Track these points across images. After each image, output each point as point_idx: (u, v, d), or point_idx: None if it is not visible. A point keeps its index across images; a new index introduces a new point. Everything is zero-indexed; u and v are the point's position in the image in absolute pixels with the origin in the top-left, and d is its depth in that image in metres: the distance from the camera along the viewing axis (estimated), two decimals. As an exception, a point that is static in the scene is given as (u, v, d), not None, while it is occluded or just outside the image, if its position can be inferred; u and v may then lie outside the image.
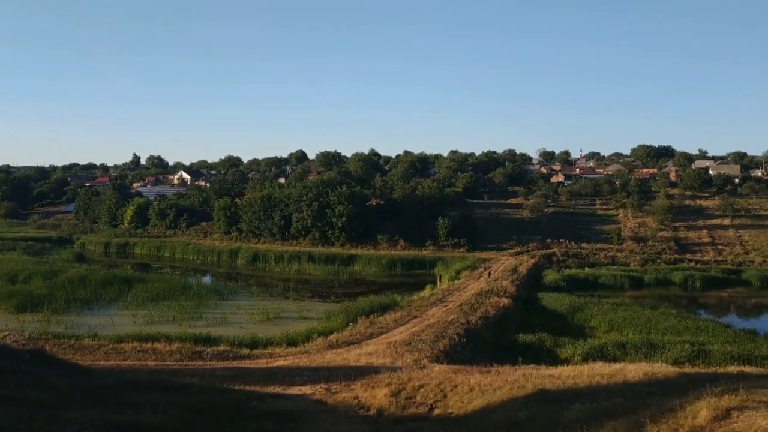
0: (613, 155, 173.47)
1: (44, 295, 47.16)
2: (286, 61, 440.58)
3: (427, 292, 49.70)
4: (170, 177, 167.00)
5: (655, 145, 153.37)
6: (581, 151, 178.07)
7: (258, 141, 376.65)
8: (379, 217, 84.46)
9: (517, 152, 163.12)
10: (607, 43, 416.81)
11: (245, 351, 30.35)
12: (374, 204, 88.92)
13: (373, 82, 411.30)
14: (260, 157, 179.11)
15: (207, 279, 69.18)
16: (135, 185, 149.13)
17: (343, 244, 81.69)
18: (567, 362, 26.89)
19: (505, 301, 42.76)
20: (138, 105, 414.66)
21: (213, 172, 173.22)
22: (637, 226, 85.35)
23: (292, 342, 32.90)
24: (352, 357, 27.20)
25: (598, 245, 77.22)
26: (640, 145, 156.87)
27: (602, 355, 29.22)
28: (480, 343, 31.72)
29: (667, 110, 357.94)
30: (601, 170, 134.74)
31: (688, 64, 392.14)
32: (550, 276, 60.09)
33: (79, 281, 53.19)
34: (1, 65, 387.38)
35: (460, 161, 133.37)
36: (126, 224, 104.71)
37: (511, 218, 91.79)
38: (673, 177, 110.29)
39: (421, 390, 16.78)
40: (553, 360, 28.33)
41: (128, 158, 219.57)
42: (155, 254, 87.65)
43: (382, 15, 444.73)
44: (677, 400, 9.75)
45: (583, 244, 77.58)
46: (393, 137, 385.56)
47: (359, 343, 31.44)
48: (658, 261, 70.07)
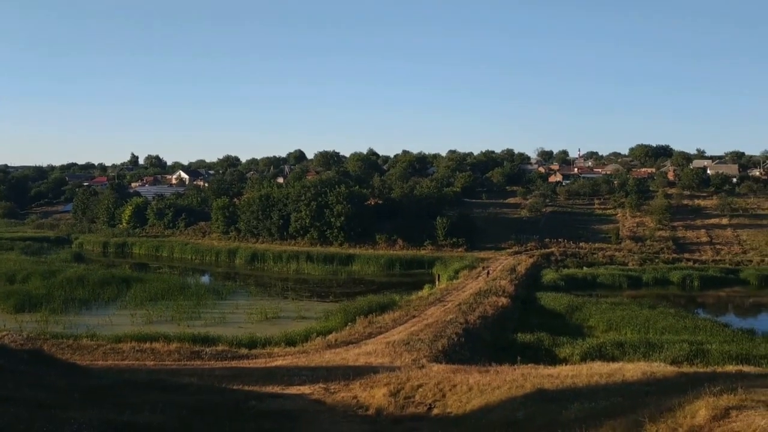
0: (611, 155, 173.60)
1: (42, 295, 47.06)
2: (284, 60, 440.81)
3: (425, 292, 49.68)
4: (168, 177, 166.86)
5: (653, 145, 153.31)
6: (579, 150, 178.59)
7: (256, 141, 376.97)
8: (378, 217, 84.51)
9: (516, 152, 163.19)
10: (606, 43, 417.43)
11: (244, 351, 30.33)
12: (373, 204, 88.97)
13: (371, 81, 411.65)
14: (258, 156, 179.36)
15: (205, 279, 69.11)
16: (133, 185, 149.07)
17: (341, 243, 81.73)
18: (565, 362, 26.91)
19: (503, 300, 42.75)
20: (136, 105, 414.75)
21: (211, 171, 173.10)
22: (635, 225, 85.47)
23: (290, 342, 32.88)
24: (351, 357, 27.20)
25: (597, 245, 77.36)
26: (639, 145, 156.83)
27: (601, 354, 29.24)
28: (478, 343, 31.72)
29: (666, 110, 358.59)
30: (600, 170, 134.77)
31: (686, 64, 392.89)
32: (549, 275, 60.15)
33: (78, 281, 53.09)
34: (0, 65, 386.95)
35: (458, 161, 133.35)
36: (124, 224, 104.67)
37: (510, 218, 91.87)
38: (671, 176, 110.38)
39: (420, 389, 16.77)
40: (552, 359, 28.33)
41: (126, 158, 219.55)
42: (153, 254, 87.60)
43: (380, 15, 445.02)
44: (676, 400, 9.75)
45: (581, 244, 77.73)
46: (391, 137, 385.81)
47: (358, 343, 31.43)
48: (657, 260, 70.15)
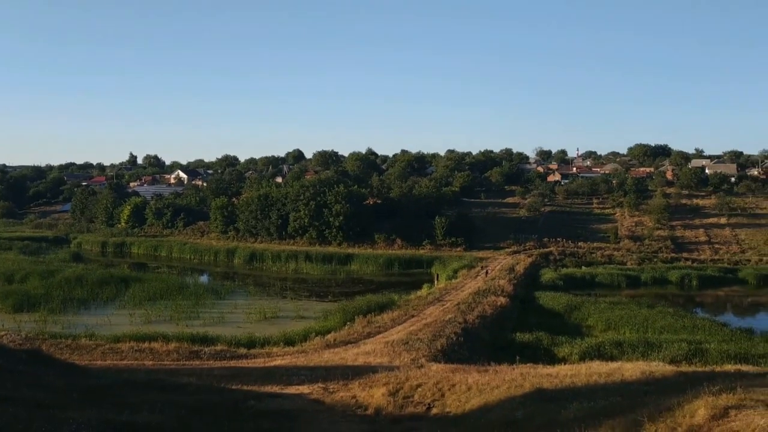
0: (609, 154, 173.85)
1: (41, 294, 47.06)
2: (283, 60, 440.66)
3: (424, 292, 49.71)
4: (167, 176, 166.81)
5: (652, 144, 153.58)
6: (578, 150, 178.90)
7: (255, 140, 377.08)
8: (377, 217, 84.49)
9: (514, 151, 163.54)
10: (604, 43, 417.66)
11: (242, 350, 30.36)
12: (371, 203, 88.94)
13: (370, 81, 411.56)
14: (257, 156, 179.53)
15: (204, 278, 69.07)
16: (132, 185, 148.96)
17: (340, 243, 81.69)
18: (564, 361, 26.95)
19: (502, 300, 42.78)
20: (135, 103, 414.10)
21: (210, 171, 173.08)
22: (633, 225, 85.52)
23: (289, 341, 32.91)
24: (350, 356, 27.20)
25: (595, 244, 77.37)
26: (637, 144, 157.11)
27: (599, 354, 29.27)
28: (477, 342, 31.73)
29: (664, 109, 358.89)
30: (598, 169, 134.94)
31: (685, 64, 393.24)
32: (547, 275, 60.19)
33: (76, 281, 53.06)
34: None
35: (457, 160, 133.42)
36: (123, 224, 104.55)
37: (508, 217, 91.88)
38: (669, 176, 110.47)
39: (419, 389, 16.76)
40: (551, 359, 28.37)
41: (125, 157, 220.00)
42: (152, 254, 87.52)
43: (379, 12, 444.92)
44: (675, 399, 9.75)
45: (580, 243, 77.74)
46: (390, 136, 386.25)
47: (357, 343, 31.45)
48: (655, 260, 70.19)
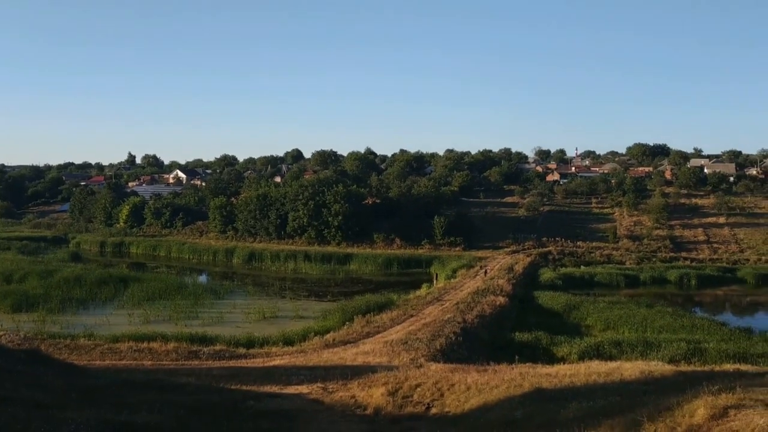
0: (608, 154, 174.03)
1: (39, 294, 47.01)
2: (282, 60, 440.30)
3: (423, 291, 49.72)
4: (166, 176, 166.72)
5: (651, 144, 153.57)
6: (577, 149, 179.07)
7: (254, 140, 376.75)
8: (375, 216, 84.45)
9: (513, 151, 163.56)
10: (603, 43, 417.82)
11: (242, 350, 30.35)
12: (370, 203, 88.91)
13: (369, 81, 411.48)
14: (256, 156, 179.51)
15: (203, 278, 69.02)
16: (130, 184, 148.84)
17: (339, 243, 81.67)
18: (563, 361, 26.99)
19: (501, 299, 42.78)
20: (134, 104, 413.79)
21: (208, 171, 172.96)
22: (632, 224, 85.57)
23: (288, 341, 32.90)
24: (349, 356, 27.18)
25: (594, 244, 77.41)
26: (636, 144, 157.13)
27: (598, 353, 29.30)
28: (476, 342, 31.74)
29: (663, 109, 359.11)
30: (597, 169, 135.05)
31: (683, 63, 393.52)
32: (546, 274, 60.22)
33: (75, 281, 53.00)
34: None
35: (456, 160, 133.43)
36: (121, 223, 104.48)
37: (507, 217, 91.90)
38: (668, 175, 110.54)
39: (418, 389, 16.75)
40: (550, 358, 28.40)
41: (123, 157, 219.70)
42: (151, 253, 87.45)
43: (378, 10, 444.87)
44: (674, 399, 9.75)
45: (578, 243, 77.79)
46: (389, 136, 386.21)
47: (356, 342, 31.44)
48: (654, 259, 70.24)
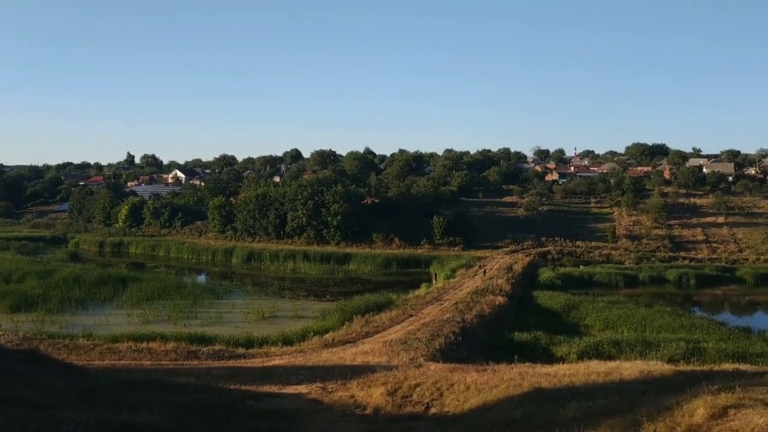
0: (607, 153, 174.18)
1: (38, 294, 46.92)
2: (281, 59, 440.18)
3: (422, 291, 49.70)
4: (165, 176, 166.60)
5: (650, 144, 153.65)
6: (576, 149, 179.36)
7: (253, 140, 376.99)
8: (375, 216, 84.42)
9: (512, 151, 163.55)
10: (602, 42, 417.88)
11: (241, 350, 30.29)
12: (369, 203, 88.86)
13: (368, 80, 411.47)
14: (255, 155, 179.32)
15: (202, 278, 68.98)
16: (129, 184, 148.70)
17: (338, 242, 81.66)
18: (562, 360, 26.98)
19: (500, 299, 42.77)
20: (133, 104, 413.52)
21: (207, 170, 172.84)
22: (631, 224, 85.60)
23: (287, 341, 32.86)
24: (348, 356, 27.15)
25: (593, 243, 77.45)
26: (635, 144, 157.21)
27: (598, 353, 29.31)
28: (476, 342, 31.73)
29: (662, 108, 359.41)
30: (596, 168, 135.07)
31: (682, 63, 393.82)
32: (545, 274, 60.22)
33: (74, 281, 52.91)
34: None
35: (455, 160, 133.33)
36: (120, 223, 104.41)
37: (506, 216, 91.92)
38: (667, 175, 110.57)
39: (418, 389, 16.74)
40: (549, 358, 28.39)
41: (122, 157, 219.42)
42: (150, 253, 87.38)
43: (376, 15, 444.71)
44: (674, 399, 9.75)
45: (577, 242, 77.83)
46: (388, 136, 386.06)
47: (355, 342, 31.41)
48: (653, 259, 70.26)
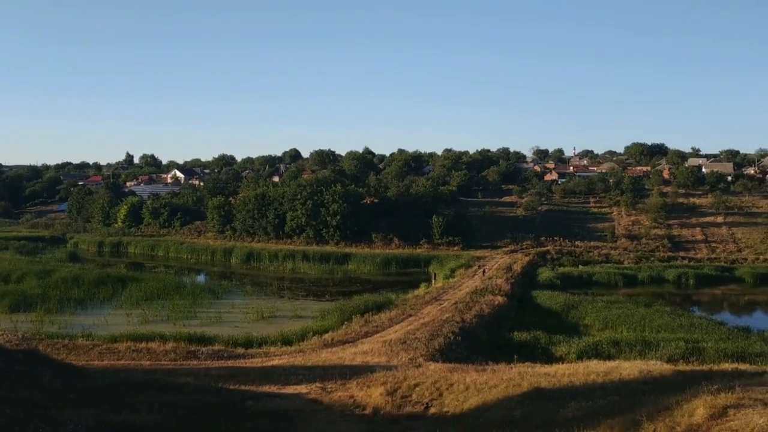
0: (606, 153, 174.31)
1: (37, 294, 46.83)
2: (280, 59, 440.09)
3: (421, 291, 49.69)
4: (164, 176, 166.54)
5: (649, 143, 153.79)
6: (575, 149, 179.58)
7: (252, 140, 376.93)
8: (374, 216, 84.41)
9: (511, 150, 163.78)
10: (601, 42, 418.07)
11: (240, 350, 30.24)
12: (368, 202, 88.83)
13: (367, 80, 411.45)
14: (254, 155, 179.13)
15: (201, 278, 68.98)
16: (128, 184, 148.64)
17: (337, 242, 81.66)
18: (562, 360, 26.99)
19: (499, 299, 42.78)
20: (132, 104, 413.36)
21: (206, 170, 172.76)
22: (630, 223, 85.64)
23: (287, 341, 32.81)
24: (348, 356, 27.12)
25: (592, 243, 77.48)
26: (634, 143, 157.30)
27: (597, 352, 29.29)
28: (475, 342, 31.72)
29: (661, 108, 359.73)
30: (595, 168, 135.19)
31: (681, 63, 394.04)
32: (545, 274, 60.23)
33: (73, 281, 52.85)
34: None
35: (454, 159, 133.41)
36: (119, 223, 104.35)
37: (506, 216, 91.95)
38: (666, 175, 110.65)
39: (417, 389, 16.72)
40: (548, 358, 28.39)
41: (121, 157, 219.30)
42: (149, 253, 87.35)
43: (376, 15, 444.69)
44: (673, 398, 9.74)
45: (577, 242, 77.87)
46: (387, 135, 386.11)
47: (354, 342, 31.38)
48: (652, 259, 70.26)
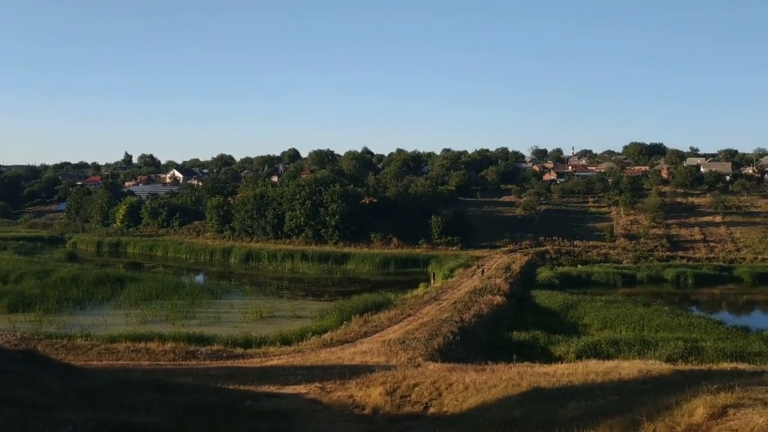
0: (605, 153, 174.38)
1: (36, 294, 46.81)
2: (280, 59, 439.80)
3: (420, 291, 49.70)
4: (162, 176, 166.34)
5: (647, 143, 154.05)
6: (573, 149, 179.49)
7: (250, 139, 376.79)
8: (373, 216, 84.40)
9: (510, 150, 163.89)
10: (600, 41, 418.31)
11: (239, 350, 30.26)
12: (367, 202, 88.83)
13: (366, 80, 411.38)
14: (253, 155, 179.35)
15: (200, 278, 68.95)
16: (127, 184, 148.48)
17: (336, 242, 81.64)
18: (561, 360, 27.00)
19: (498, 299, 42.80)
20: (130, 104, 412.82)
21: (205, 170, 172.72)
22: (629, 223, 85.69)
23: (286, 341, 32.83)
24: (347, 355, 27.12)
25: (591, 243, 77.53)
26: (632, 143, 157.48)
27: (596, 352, 29.32)
28: (474, 341, 31.74)
29: (659, 108, 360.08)
30: (594, 168, 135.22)
31: (680, 62, 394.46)
32: (543, 273, 60.25)
33: (71, 281, 52.82)
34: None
35: (453, 159, 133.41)
36: (118, 223, 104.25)
37: (504, 216, 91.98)
38: (664, 174, 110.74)
39: (416, 388, 16.71)
40: (547, 358, 28.43)
41: (120, 157, 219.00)
42: (148, 253, 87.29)
43: (375, 14, 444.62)
44: (673, 398, 9.73)
45: (575, 242, 77.93)
46: (386, 135, 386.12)
47: (353, 342, 31.40)
48: (651, 258, 70.32)
